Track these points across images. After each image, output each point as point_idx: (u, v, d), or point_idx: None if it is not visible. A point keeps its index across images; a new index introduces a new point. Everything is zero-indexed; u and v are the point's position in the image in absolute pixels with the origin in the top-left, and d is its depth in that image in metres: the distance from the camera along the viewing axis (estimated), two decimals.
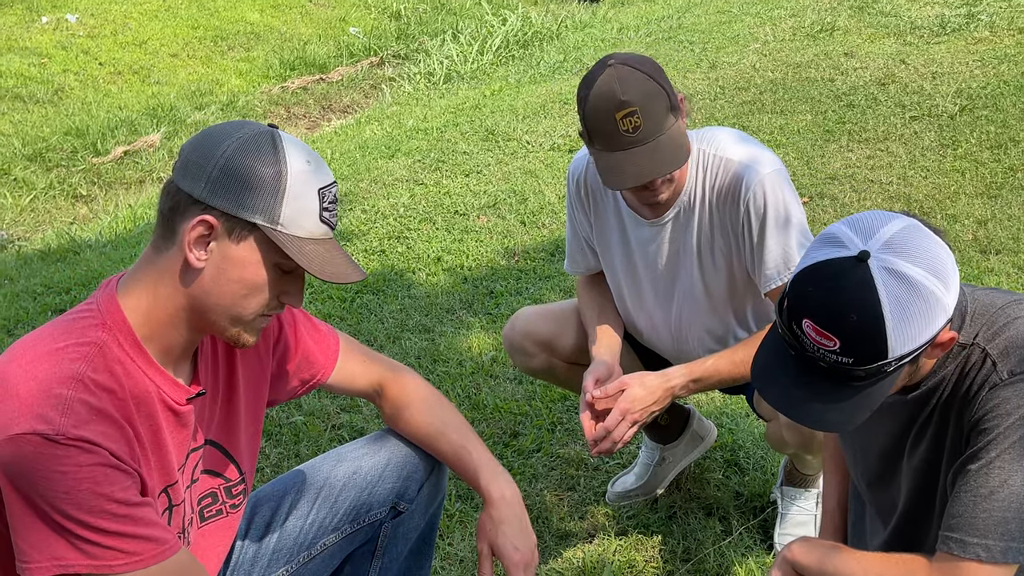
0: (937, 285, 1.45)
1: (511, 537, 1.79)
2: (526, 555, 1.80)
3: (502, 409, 3.46)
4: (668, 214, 2.33)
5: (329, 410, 3.47)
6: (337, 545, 1.91)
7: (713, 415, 3.34)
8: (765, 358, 1.58)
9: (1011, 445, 1.51)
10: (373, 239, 4.94)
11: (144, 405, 1.50)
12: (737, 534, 2.74)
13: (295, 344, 1.80)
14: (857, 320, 1.43)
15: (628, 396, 2.27)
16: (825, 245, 1.49)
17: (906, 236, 1.47)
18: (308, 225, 1.48)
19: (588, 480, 3.08)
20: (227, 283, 1.48)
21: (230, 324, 1.52)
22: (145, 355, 1.50)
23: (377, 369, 1.92)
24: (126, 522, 1.42)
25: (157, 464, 1.52)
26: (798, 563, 1.74)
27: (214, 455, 1.67)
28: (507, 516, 1.80)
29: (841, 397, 1.49)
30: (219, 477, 1.69)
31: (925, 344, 1.47)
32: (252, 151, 1.45)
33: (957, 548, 1.53)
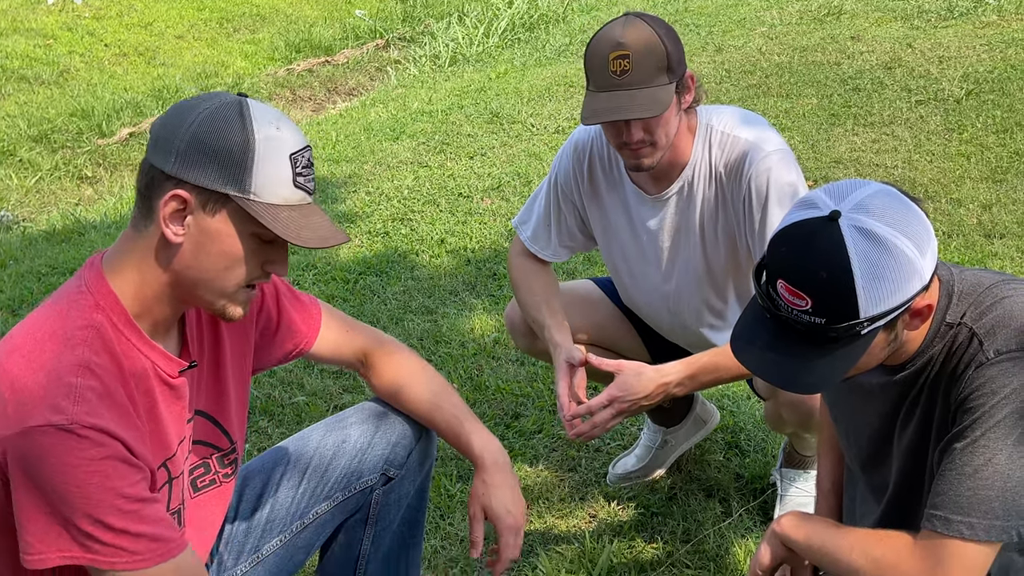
0: (909, 246, 1.45)
1: (504, 501, 1.83)
2: (518, 519, 1.84)
3: (504, 390, 3.46)
4: (671, 189, 2.33)
5: (331, 390, 3.48)
6: (329, 514, 1.92)
7: (715, 398, 3.35)
8: (743, 323, 1.59)
9: (996, 424, 1.51)
10: (377, 221, 4.94)
11: (142, 381, 1.51)
12: (737, 516, 2.75)
13: (277, 314, 1.81)
14: (827, 277, 1.44)
15: (621, 384, 2.25)
16: (800, 208, 1.52)
17: (878, 199, 1.48)
18: (282, 192, 1.47)
19: (589, 461, 3.08)
20: (207, 257, 1.48)
21: (216, 297, 1.52)
22: (139, 332, 1.51)
23: (361, 339, 1.93)
24: (132, 518, 1.42)
25: (154, 438, 1.53)
26: (787, 537, 1.74)
27: (204, 425, 1.68)
28: (499, 481, 1.83)
29: (814, 359, 1.50)
30: (210, 447, 1.70)
31: (898, 308, 1.47)
32: (219, 122, 1.44)
33: (941, 526, 1.53)
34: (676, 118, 2.22)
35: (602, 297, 2.68)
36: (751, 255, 2.30)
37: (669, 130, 2.21)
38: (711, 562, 2.58)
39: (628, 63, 2.10)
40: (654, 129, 2.17)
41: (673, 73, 2.15)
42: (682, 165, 2.31)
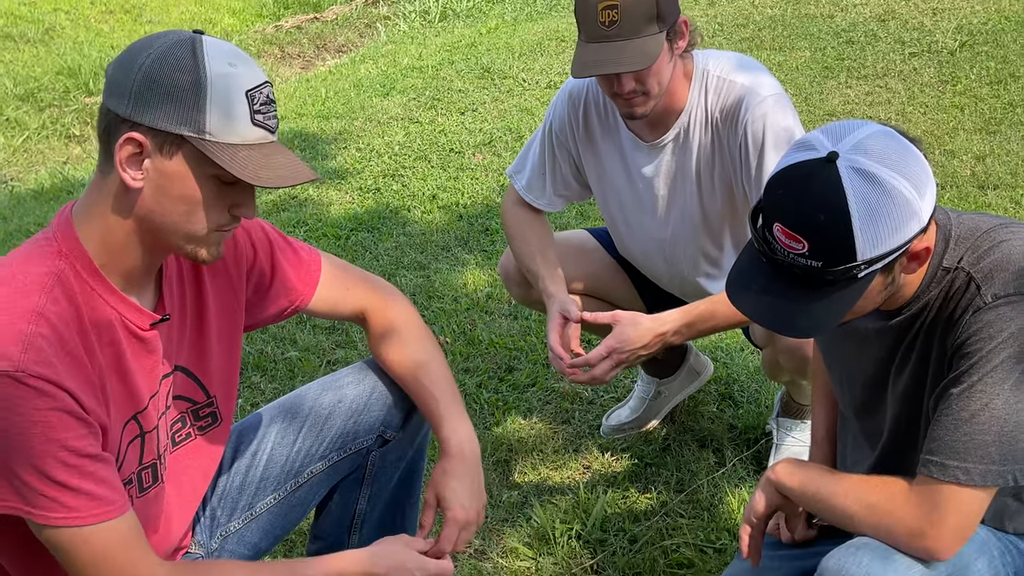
0: (907, 187, 1.44)
1: (459, 494, 1.77)
2: (470, 514, 1.77)
3: (497, 344, 3.46)
4: (667, 136, 2.31)
5: (324, 346, 3.47)
6: (324, 473, 1.90)
7: (708, 350, 3.35)
8: (739, 268, 1.58)
9: (993, 368, 1.50)
10: (368, 177, 4.91)
11: (106, 333, 1.47)
12: (731, 465, 2.76)
13: (271, 270, 1.77)
14: (824, 220, 1.42)
15: (618, 334, 2.25)
16: (797, 150, 1.50)
17: (877, 139, 1.46)
18: (240, 130, 1.42)
19: (583, 414, 3.09)
20: (168, 201, 1.44)
21: (184, 242, 1.48)
22: (105, 283, 1.47)
23: (361, 296, 1.89)
24: (75, 473, 1.38)
25: (122, 392, 1.50)
26: (781, 484, 1.74)
27: (184, 381, 1.66)
28: (460, 472, 1.78)
29: (810, 302, 1.49)
30: (187, 401, 1.68)
31: (896, 250, 1.46)
32: (170, 61, 1.40)
33: (937, 471, 1.53)
34: (669, 65, 2.19)
35: (597, 247, 2.67)
36: (748, 202, 2.28)
37: (662, 79, 2.18)
38: (705, 511, 2.59)
39: (616, 13, 2.08)
40: (646, 79, 2.15)
41: (663, 21, 2.13)
42: (678, 111, 2.29)
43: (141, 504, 1.57)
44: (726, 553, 2.41)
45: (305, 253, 1.84)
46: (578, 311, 2.31)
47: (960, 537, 1.54)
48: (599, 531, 2.54)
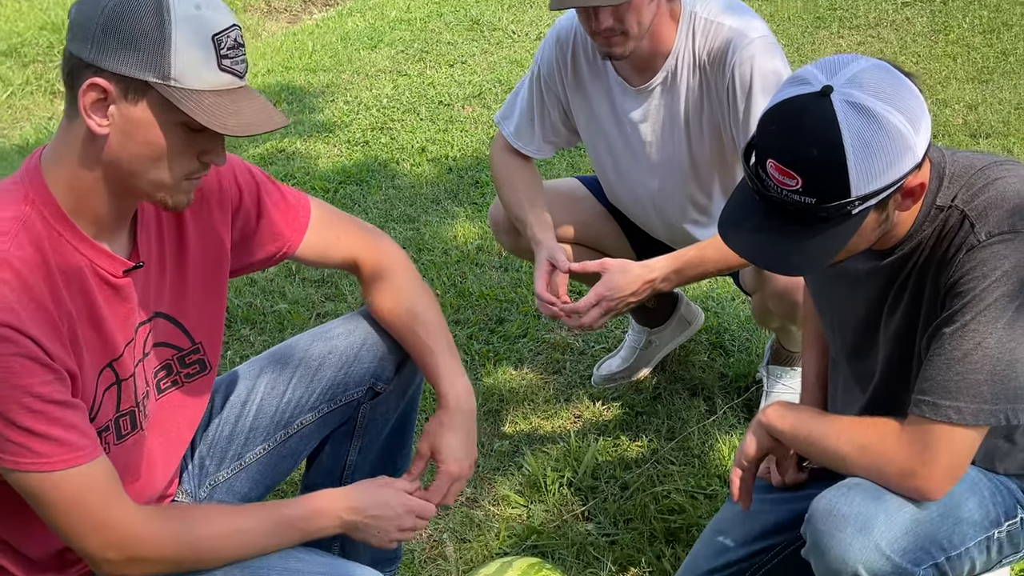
0: (902, 122, 1.42)
1: (454, 447, 1.76)
2: (463, 467, 1.77)
3: (488, 296, 3.44)
4: (655, 80, 2.28)
5: (313, 299, 3.45)
6: (314, 425, 1.89)
7: (699, 299, 3.34)
8: (731, 208, 1.56)
9: (986, 307, 1.49)
10: (356, 130, 4.87)
11: (75, 280, 1.45)
12: (721, 413, 2.76)
13: (257, 215, 1.74)
14: (818, 155, 1.40)
15: (607, 282, 2.23)
16: (791, 85, 1.47)
17: (872, 73, 1.44)
18: (206, 76, 1.38)
19: (574, 364, 3.08)
20: (135, 147, 1.41)
21: (153, 190, 1.45)
22: (73, 229, 1.45)
23: (352, 243, 1.86)
24: (41, 419, 1.37)
25: (95, 340, 1.48)
26: (772, 427, 1.74)
27: (165, 327, 1.64)
28: (456, 425, 1.77)
29: (803, 239, 1.47)
30: (171, 347, 1.66)
31: (891, 186, 1.44)
32: (133, 3, 1.36)
33: (929, 411, 1.52)
34: (651, 5, 2.16)
35: (587, 195, 2.65)
36: (736, 148, 2.26)
37: (642, 18, 2.15)
38: (695, 459, 2.60)
39: None
40: (624, 16, 2.11)
41: None
42: (665, 54, 2.25)
43: (119, 451, 1.55)
44: (717, 499, 2.42)
45: (293, 198, 1.80)
46: (566, 259, 2.29)
47: (951, 477, 1.54)
48: (590, 478, 2.54)
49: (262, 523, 1.58)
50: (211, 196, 1.66)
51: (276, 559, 1.57)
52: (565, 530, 2.37)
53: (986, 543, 1.65)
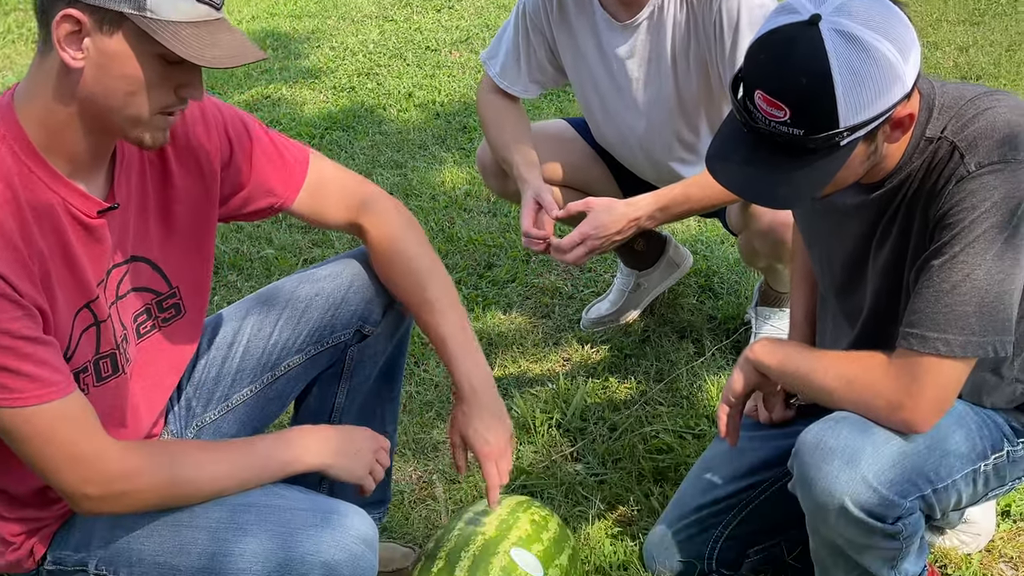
0: (891, 50, 1.40)
1: (482, 431, 1.77)
2: (496, 447, 1.77)
3: (476, 241, 3.43)
4: (641, 15, 2.25)
5: (300, 244, 3.43)
6: (302, 367, 1.88)
7: (688, 242, 3.33)
8: (719, 142, 1.54)
9: (975, 239, 1.48)
10: (342, 76, 4.82)
11: (47, 219, 1.42)
12: (710, 354, 2.76)
13: (249, 170, 1.71)
14: (806, 85, 1.39)
15: (592, 220, 2.21)
16: (779, 14, 1.45)
17: (861, 2, 1.41)
18: (182, 6, 1.35)
19: (563, 308, 3.08)
20: (111, 81, 1.37)
21: (129, 126, 1.42)
22: (46, 166, 1.42)
23: (354, 210, 1.82)
24: (10, 355, 1.35)
25: (69, 280, 1.46)
26: (760, 362, 1.73)
27: (143, 271, 1.61)
28: (475, 412, 1.77)
29: (791, 171, 1.45)
30: (151, 292, 1.64)
31: (879, 116, 1.42)
32: None
33: (917, 343, 1.52)
34: None
35: (575, 136, 2.62)
36: (723, 84, 2.23)
37: None
38: (684, 399, 2.60)
39: None
40: None
41: None
42: None
43: (100, 393, 1.54)
44: (705, 439, 2.43)
45: (291, 155, 1.76)
46: (552, 198, 2.27)
47: (938, 409, 1.54)
48: (579, 420, 2.55)
49: (241, 456, 1.58)
50: (199, 148, 1.63)
51: (258, 495, 1.57)
52: (554, 470, 2.37)
53: (972, 476, 1.65)
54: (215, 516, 1.55)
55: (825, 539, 1.67)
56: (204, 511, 1.55)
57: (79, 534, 1.58)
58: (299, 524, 1.55)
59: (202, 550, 1.54)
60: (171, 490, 1.51)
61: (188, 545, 1.54)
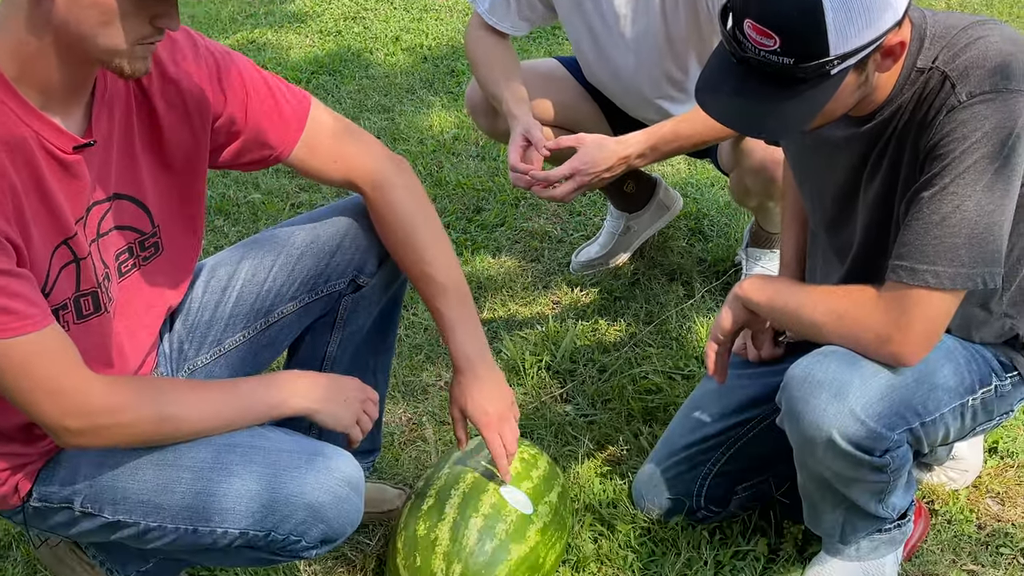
0: None
1: (479, 402, 1.77)
2: (496, 416, 1.78)
3: (465, 185, 3.40)
4: None
5: (288, 189, 3.40)
6: (295, 315, 1.87)
7: (678, 185, 3.31)
8: (708, 73, 1.51)
9: (966, 169, 1.47)
10: (328, 19, 4.75)
11: (19, 152, 1.39)
12: (699, 296, 2.75)
13: (244, 122, 1.67)
14: (796, 13, 1.36)
15: (582, 156, 2.18)
16: None
17: None
18: None
19: (552, 252, 3.06)
20: (82, 10, 1.34)
21: (107, 56, 1.38)
22: (18, 98, 1.39)
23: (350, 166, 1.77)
24: None
25: (45, 215, 1.43)
26: (749, 299, 1.73)
27: (127, 209, 1.59)
28: (471, 384, 1.77)
29: (781, 102, 1.43)
30: (133, 232, 1.62)
31: (870, 44, 1.40)
32: None
33: (906, 276, 1.51)
34: None
35: (566, 75, 2.59)
36: (712, 20, 2.20)
37: None
38: (673, 341, 2.60)
39: None
40: None
41: None
42: None
43: (82, 331, 1.52)
44: (694, 379, 2.43)
45: (290, 108, 1.71)
46: (541, 134, 2.24)
47: (927, 342, 1.54)
48: (568, 362, 2.54)
49: (227, 396, 1.57)
50: (190, 98, 1.59)
51: (244, 436, 1.56)
52: (543, 411, 2.38)
53: (960, 410, 1.65)
54: (200, 456, 1.54)
55: (813, 473, 1.68)
56: (189, 451, 1.55)
57: (64, 472, 1.58)
58: (284, 465, 1.55)
59: (187, 489, 1.54)
60: (155, 426, 1.50)
61: (173, 484, 1.54)
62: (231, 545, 1.56)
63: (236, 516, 1.53)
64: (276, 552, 1.59)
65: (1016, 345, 1.71)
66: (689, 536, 1.97)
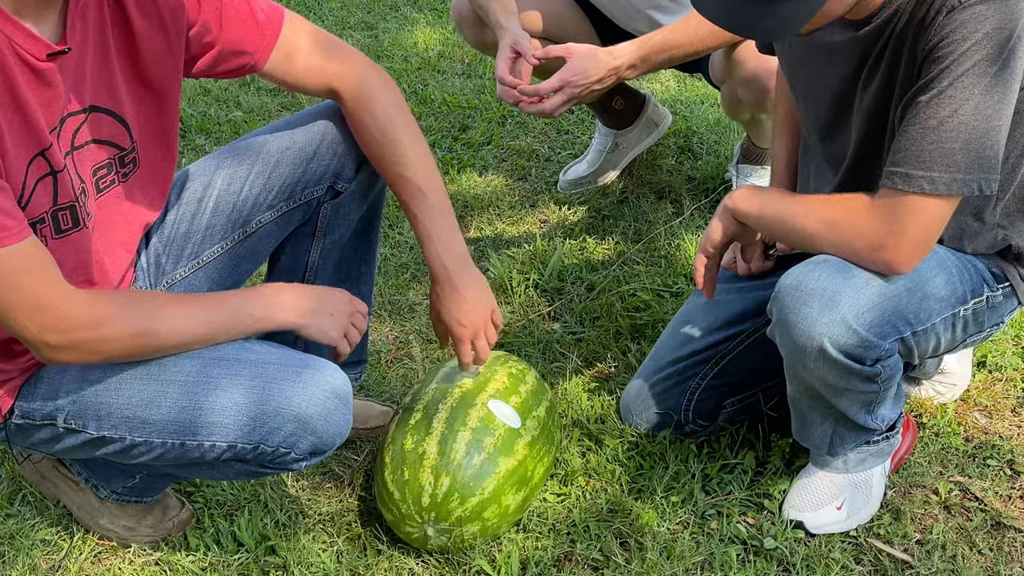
0: None
1: (455, 313, 1.74)
2: (471, 329, 1.75)
3: (450, 103, 3.35)
4: None
5: (269, 107, 3.34)
6: (274, 224, 1.83)
7: (668, 103, 3.26)
8: None
9: (964, 72, 1.43)
10: None
11: None
12: (688, 214, 2.72)
13: (219, 29, 1.62)
14: None
15: (572, 67, 2.13)
16: None
17: None
18: None
19: (539, 170, 3.02)
20: None
21: None
22: None
23: (327, 72, 1.73)
24: None
25: (18, 125, 1.39)
26: (739, 210, 1.70)
27: (104, 122, 1.55)
28: (447, 293, 1.73)
29: (776, 2, 1.38)
30: (112, 147, 1.58)
31: None
32: None
33: (901, 182, 1.48)
34: None
35: None
36: None
37: None
38: (662, 259, 2.57)
39: None
40: None
41: None
42: None
43: (61, 246, 1.49)
44: (682, 296, 2.41)
45: (264, 14, 1.66)
46: (531, 46, 2.19)
47: (920, 250, 1.52)
48: (556, 280, 2.52)
49: (211, 309, 1.54)
50: (162, 4, 1.55)
51: (230, 349, 1.54)
52: (531, 329, 2.36)
53: (952, 320, 1.64)
54: (186, 369, 1.52)
55: (803, 384, 1.67)
56: (175, 364, 1.53)
57: (46, 388, 1.56)
58: (271, 377, 1.53)
59: (173, 403, 1.52)
60: (136, 340, 1.47)
61: (158, 398, 1.52)
62: (219, 458, 1.55)
63: (224, 429, 1.52)
64: (265, 465, 1.58)
65: (1008, 256, 1.70)
66: (677, 450, 1.97)
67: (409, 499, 1.70)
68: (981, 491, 1.87)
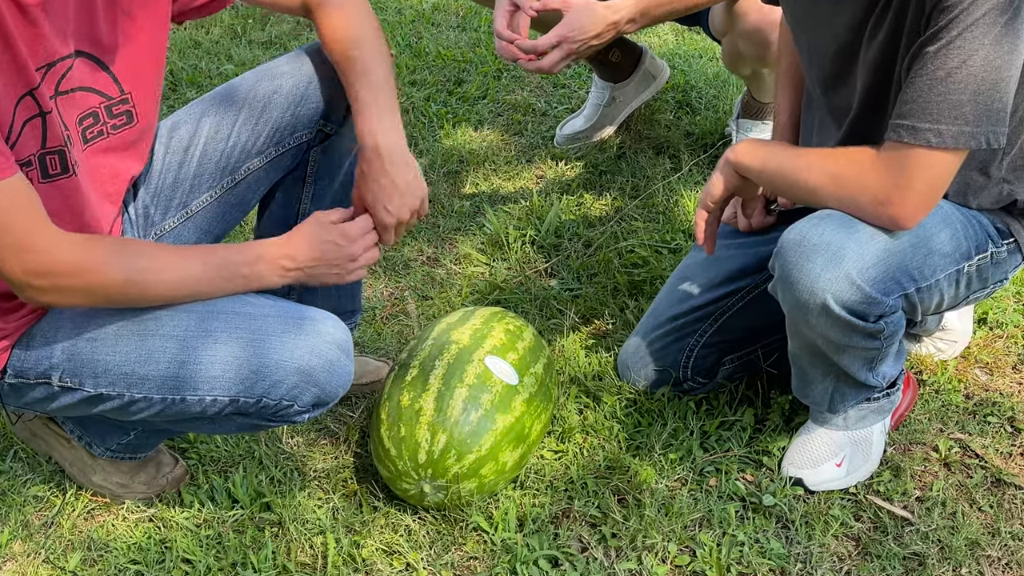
0: None
1: (381, 198, 1.62)
2: (395, 216, 1.63)
3: (445, 56, 3.29)
4: None
5: (260, 60, 3.28)
6: (263, 170, 1.80)
7: (666, 56, 3.22)
8: None
9: (974, 23, 1.39)
10: None
11: None
12: (687, 170, 2.69)
13: None
14: None
15: (570, 22, 2.08)
16: None
17: None
18: None
19: (536, 125, 2.98)
20: None
21: None
22: None
23: None
24: None
25: (8, 63, 1.36)
26: (741, 164, 1.66)
27: (92, 71, 1.51)
28: (376, 172, 1.62)
29: None
30: (99, 95, 1.54)
31: None
32: None
33: (907, 135, 1.45)
34: None
35: None
36: None
37: None
38: (660, 215, 2.55)
39: None
40: None
41: None
42: None
43: (49, 192, 1.46)
44: (681, 252, 2.38)
45: None
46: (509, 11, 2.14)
47: (926, 204, 1.49)
48: (553, 237, 2.49)
49: (202, 262, 1.51)
50: None
51: (227, 303, 1.52)
52: (528, 285, 2.33)
53: (956, 276, 1.62)
54: (183, 324, 1.50)
55: (804, 340, 1.65)
56: (172, 318, 1.50)
57: (40, 346, 1.53)
58: (271, 330, 1.51)
59: (171, 358, 1.50)
60: (123, 287, 1.45)
61: (156, 353, 1.50)
62: (221, 413, 1.53)
63: (225, 383, 1.50)
64: (268, 418, 1.56)
65: (1014, 211, 1.67)
66: (675, 407, 1.95)
67: (406, 455, 1.69)
68: (981, 448, 1.86)
